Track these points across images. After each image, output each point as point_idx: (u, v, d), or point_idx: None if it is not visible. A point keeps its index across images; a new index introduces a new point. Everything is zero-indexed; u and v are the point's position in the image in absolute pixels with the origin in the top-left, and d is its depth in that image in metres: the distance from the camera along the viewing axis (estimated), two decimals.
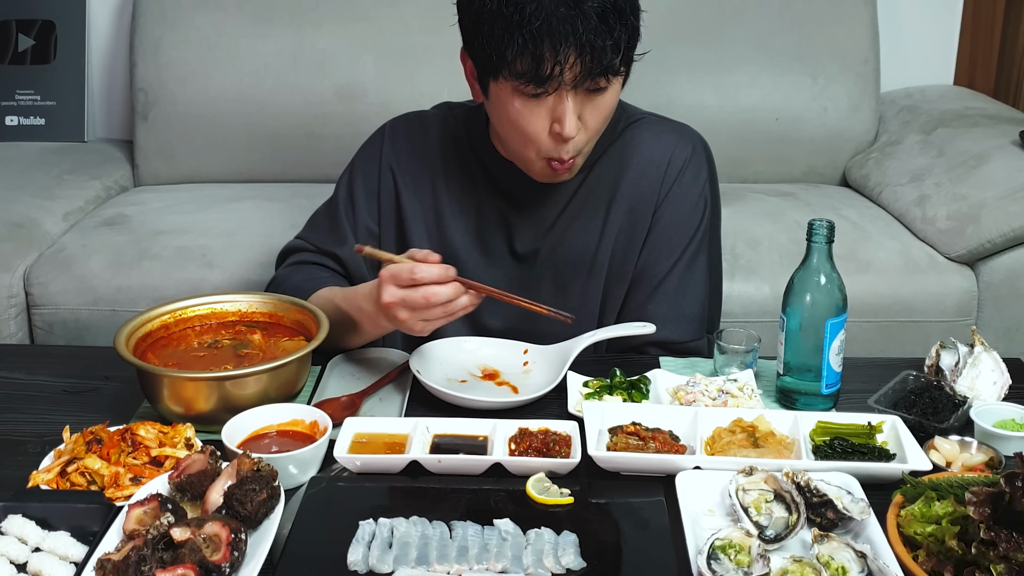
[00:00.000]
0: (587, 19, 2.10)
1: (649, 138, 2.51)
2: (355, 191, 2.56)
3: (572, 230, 2.49)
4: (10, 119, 4.56)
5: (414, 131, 2.58)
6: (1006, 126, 3.97)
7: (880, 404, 2.14)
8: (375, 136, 2.62)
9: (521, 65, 2.14)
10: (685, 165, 2.50)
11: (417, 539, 1.72)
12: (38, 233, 3.72)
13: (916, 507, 1.74)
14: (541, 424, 2.02)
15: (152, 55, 4.29)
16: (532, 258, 2.51)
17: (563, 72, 2.13)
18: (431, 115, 2.62)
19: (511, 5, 2.12)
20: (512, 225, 2.50)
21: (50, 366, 2.36)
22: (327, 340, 2.17)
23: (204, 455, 1.80)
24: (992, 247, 3.52)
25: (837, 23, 4.37)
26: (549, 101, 2.20)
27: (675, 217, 2.49)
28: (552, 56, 2.11)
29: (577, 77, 2.15)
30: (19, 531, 1.70)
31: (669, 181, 2.49)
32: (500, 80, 2.21)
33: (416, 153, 2.55)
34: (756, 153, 4.26)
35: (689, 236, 2.50)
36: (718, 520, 1.80)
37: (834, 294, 2.11)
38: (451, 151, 2.54)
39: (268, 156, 4.33)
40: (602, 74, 2.16)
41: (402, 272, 2.08)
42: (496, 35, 2.15)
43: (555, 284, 2.51)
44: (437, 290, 2.08)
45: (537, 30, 2.10)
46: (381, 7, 4.31)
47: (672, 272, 2.49)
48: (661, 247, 2.50)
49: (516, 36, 2.12)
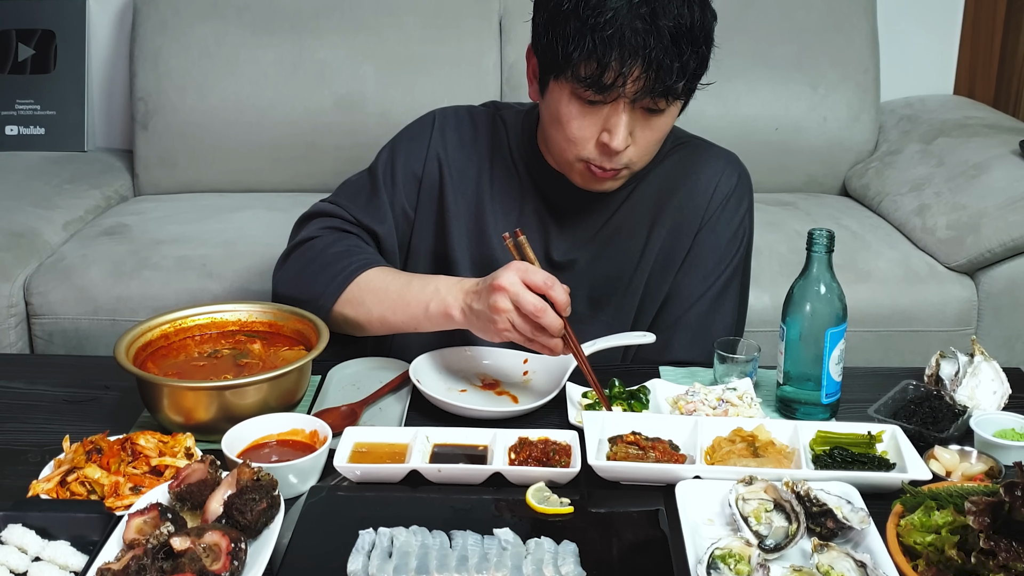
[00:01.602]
0: (660, 37, 2.10)
1: (698, 162, 2.51)
2: (396, 170, 2.52)
3: (612, 245, 2.49)
4: (10, 128, 4.56)
5: (464, 125, 2.56)
6: (1006, 136, 3.97)
7: (880, 414, 2.14)
8: (424, 121, 2.58)
9: (585, 69, 2.14)
10: (730, 193, 2.50)
11: (417, 548, 1.72)
12: (38, 243, 3.73)
13: (916, 516, 1.74)
14: (541, 434, 2.02)
15: (152, 65, 4.30)
16: (569, 267, 2.49)
17: (625, 84, 2.13)
18: (480, 112, 2.60)
19: (589, 8, 2.12)
20: (550, 232, 2.49)
21: (50, 376, 2.36)
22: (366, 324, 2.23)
23: (204, 464, 1.80)
24: (992, 257, 3.52)
25: (837, 32, 4.38)
26: (604, 110, 2.20)
27: (714, 243, 2.49)
28: (617, 66, 2.11)
29: (638, 92, 2.14)
30: (19, 540, 1.70)
31: (713, 207, 2.48)
32: (561, 80, 2.21)
33: (464, 148, 2.53)
34: (756, 163, 4.19)
35: (726, 263, 2.50)
36: (718, 529, 1.80)
37: (834, 304, 2.11)
38: (497, 151, 2.52)
39: (268, 166, 4.33)
40: (663, 95, 2.17)
41: (537, 275, 2.09)
42: (567, 34, 2.15)
43: (590, 297, 2.49)
44: (548, 310, 2.08)
45: (609, 37, 2.10)
46: (381, 17, 4.32)
47: (704, 296, 2.49)
48: (696, 271, 2.49)
49: (587, 39, 2.11)
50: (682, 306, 2.50)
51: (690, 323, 2.48)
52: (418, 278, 2.32)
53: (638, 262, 2.49)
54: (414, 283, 2.30)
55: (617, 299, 2.50)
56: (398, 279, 2.33)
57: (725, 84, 4.25)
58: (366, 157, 2.67)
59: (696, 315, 2.48)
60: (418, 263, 2.54)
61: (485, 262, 2.45)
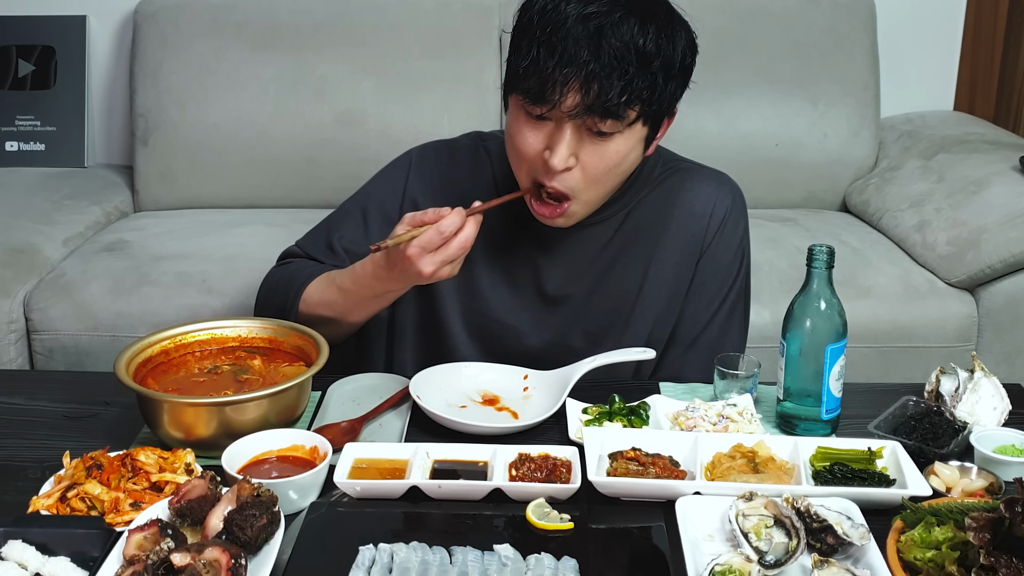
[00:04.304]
0: (599, 52, 2.08)
1: (691, 187, 2.47)
2: (369, 214, 2.51)
3: (609, 278, 2.46)
4: (10, 144, 4.57)
5: (443, 162, 2.53)
6: (1006, 152, 3.97)
7: (880, 429, 2.13)
8: (399, 163, 2.57)
9: (529, 81, 2.14)
10: (726, 216, 2.47)
11: (417, 564, 1.72)
12: (38, 259, 3.73)
13: (916, 532, 1.74)
14: (541, 449, 2.01)
15: (152, 81, 4.31)
16: (563, 301, 2.47)
17: (562, 98, 2.11)
18: (461, 145, 2.57)
19: (542, 22, 2.12)
20: (541, 265, 2.46)
21: (50, 392, 2.35)
22: (328, 331, 2.23)
23: (204, 480, 1.80)
24: (992, 273, 3.52)
25: (837, 49, 4.39)
26: (548, 127, 2.19)
27: (715, 268, 2.48)
28: (556, 76, 2.10)
29: (576, 108, 2.12)
30: (19, 556, 1.70)
31: (712, 232, 2.46)
32: (514, 95, 2.21)
33: (444, 186, 2.49)
34: (756, 179, 4.25)
35: (728, 287, 2.49)
36: (718, 545, 1.80)
37: (834, 320, 2.11)
38: (480, 184, 2.48)
39: (268, 181, 4.34)
40: (602, 114, 2.13)
41: (432, 239, 2.12)
42: (520, 48, 2.16)
43: (586, 332, 2.48)
44: (466, 234, 2.15)
45: (551, 49, 2.10)
46: (381, 33, 4.33)
47: (711, 323, 2.48)
48: (700, 297, 2.48)
49: (532, 49, 2.12)
50: (690, 336, 2.49)
51: (700, 350, 2.46)
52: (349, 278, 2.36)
53: (637, 295, 2.46)
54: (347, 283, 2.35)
55: (616, 335, 2.47)
56: (331, 286, 2.38)
57: (725, 100, 4.28)
58: (366, 173, 2.67)
59: (706, 341, 2.47)
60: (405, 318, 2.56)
61: (476, 299, 2.46)
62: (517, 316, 2.47)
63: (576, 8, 2.11)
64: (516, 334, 2.48)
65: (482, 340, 2.50)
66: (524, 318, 2.47)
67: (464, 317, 2.49)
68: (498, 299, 2.47)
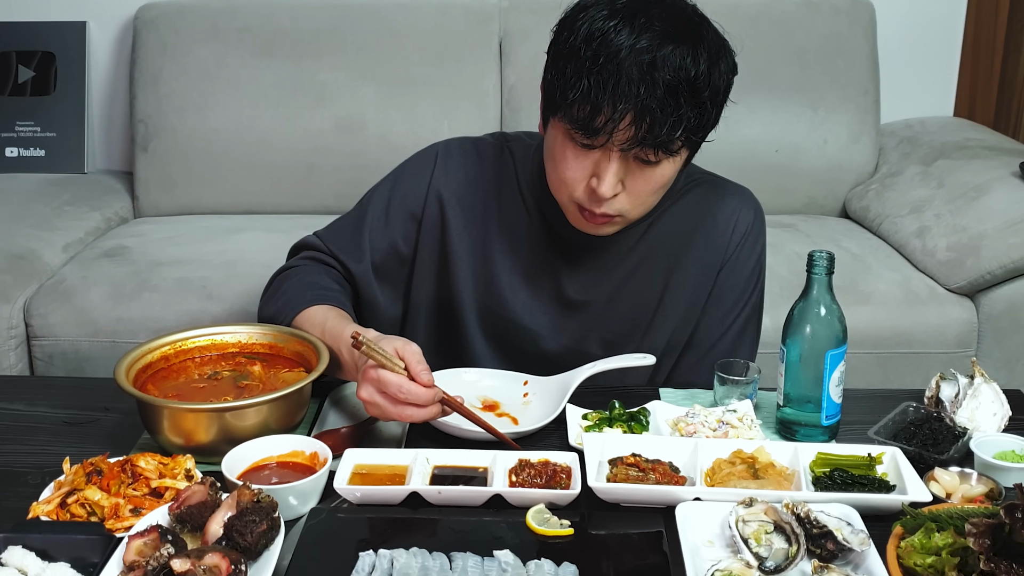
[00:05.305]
0: (654, 88, 2.05)
1: (715, 200, 2.47)
2: (391, 208, 2.47)
3: (629, 287, 2.45)
4: (10, 150, 4.57)
5: (469, 160, 2.49)
6: (1006, 157, 3.98)
7: (880, 435, 2.13)
8: (425, 156, 2.51)
9: (578, 111, 2.10)
10: (748, 230, 2.47)
11: (417, 570, 1.72)
12: (38, 264, 3.73)
13: (916, 538, 1.74)
14: (541, 455, 2.01)
15: (152, 87, 4.32)
16: (582, 307, 2.46)
17: (615, 132, 2.08)
18: (487, 144, 2.52)
19: (591, 50, 2.07)
20: (562, 270, 2.44)
21: (50, 398, 2.35)
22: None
23: (204, 486, 1.79)
24: (992, 278, 3.52)
25: (837, 54, 4.39)
26: (595, 155, 2.15)
27: (734, 281, 2.48)
28: (609, 111, 2.06)
29: (628, 141, 2.09)
30: (19, 562, 1.70)
31: (733, 246, 2.46)
32: (558, 119, 2.17)
33: (470, 184, 2.47)
34: (756, 184, 4.14)
35: (744, 301, 2.49)
36: (718, 551, 1.80)
37: (834, 325, 2.11)
38: (505, 186, 2.46)
39: (268, 187, 4.34)
40: (654, 147, 2.11)
41: (389, 384, 2.01)
42: (565, 73, 2.11)
43: (604, 339, 2.47)
44: (413, 412, 2.04)
45: (604, 82, 2.05)
46: (381, 39, 4.33)
47: (725, 336, 2.49)
48: (717, 310, 2.48)
49: (583, 80, 2.07)
50: (703, 348, 2.49)
51: (712, 361, 2.44)
52: (330, 333, 2.25)
53: (657, 306, 2.46)
54: (326, 338, 2.24)
55: (634, 343, 2.46)
56: (316, 329, 2.28)
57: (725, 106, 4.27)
58: (366, 179, 2.66)
59: (719, 353, 2.45)
60: (419, 313, 2.52)
61: (495, 300, 2.44)
62: (536, 319, 2.46)
63: (628, 39, 2.06)
64: (533, 338, 2.47)
65: (498, 342, 2.49)
66: (543, 322, 2.46)
67: (481, 318, 2.48)
68: (517, 301, 2.46)
